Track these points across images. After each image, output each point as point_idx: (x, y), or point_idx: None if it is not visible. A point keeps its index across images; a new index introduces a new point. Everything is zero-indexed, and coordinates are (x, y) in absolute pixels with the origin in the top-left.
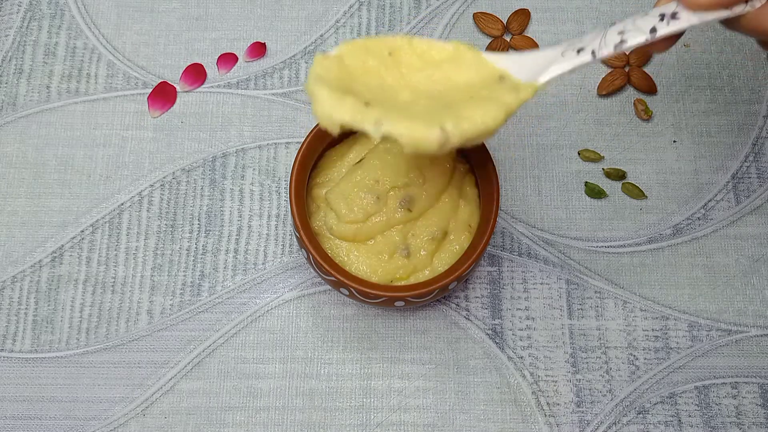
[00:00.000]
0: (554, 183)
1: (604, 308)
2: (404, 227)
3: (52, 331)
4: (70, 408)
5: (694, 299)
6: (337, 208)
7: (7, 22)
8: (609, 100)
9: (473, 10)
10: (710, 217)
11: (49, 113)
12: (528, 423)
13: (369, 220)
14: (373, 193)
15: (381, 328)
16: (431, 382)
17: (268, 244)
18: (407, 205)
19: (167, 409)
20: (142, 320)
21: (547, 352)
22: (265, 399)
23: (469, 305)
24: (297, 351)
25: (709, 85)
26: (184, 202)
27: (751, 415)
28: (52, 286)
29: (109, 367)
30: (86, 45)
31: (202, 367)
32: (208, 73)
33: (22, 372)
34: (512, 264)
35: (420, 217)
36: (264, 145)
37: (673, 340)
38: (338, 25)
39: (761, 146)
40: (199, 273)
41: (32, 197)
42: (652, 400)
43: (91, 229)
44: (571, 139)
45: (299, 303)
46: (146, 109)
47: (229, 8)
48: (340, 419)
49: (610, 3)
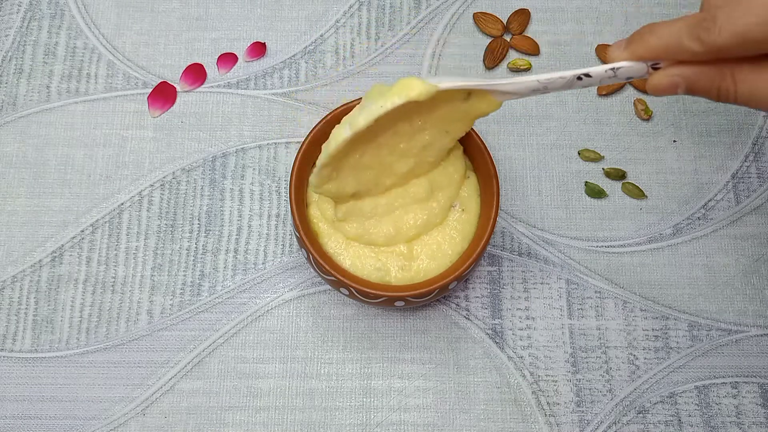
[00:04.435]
0: (554, 183)
1: (604, 308)
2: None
3: (52, 330)
4: (70, 408)
5: (694, 299)
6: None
7: (7, 22)
8: (609, 100)
9: (473, 10)
10: (710, 217)
11: (49, 113)
12: (528, 423)
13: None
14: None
15: (381, 328)
16: (431, 381)
17: (268, 244)
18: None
19: (167, 408)
20: (142, 320)
21: (547, 352)
22: (265, 399)
23: (469, 305)
24: (297, 351)
25: None
26: (184, 201)
27: (751, 415)
28: (52, 285)
29: (109, 366)
30: (86, 45)
31: (202, 366)
32: (208, 73)
33: (22, 372)
34: (512, 264)
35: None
36: (264, 145)
37: (673, 340)
38: (338, 25)
39: (761, 146)
40: (199, 273)
41: (32, 197)
42: (652, 399)
43: (91, 229)
44: (571, 139)
45: (299, 303)
46: (146, 109)
47: (229, 8)
48: (340, 419)
49: (610, 3)
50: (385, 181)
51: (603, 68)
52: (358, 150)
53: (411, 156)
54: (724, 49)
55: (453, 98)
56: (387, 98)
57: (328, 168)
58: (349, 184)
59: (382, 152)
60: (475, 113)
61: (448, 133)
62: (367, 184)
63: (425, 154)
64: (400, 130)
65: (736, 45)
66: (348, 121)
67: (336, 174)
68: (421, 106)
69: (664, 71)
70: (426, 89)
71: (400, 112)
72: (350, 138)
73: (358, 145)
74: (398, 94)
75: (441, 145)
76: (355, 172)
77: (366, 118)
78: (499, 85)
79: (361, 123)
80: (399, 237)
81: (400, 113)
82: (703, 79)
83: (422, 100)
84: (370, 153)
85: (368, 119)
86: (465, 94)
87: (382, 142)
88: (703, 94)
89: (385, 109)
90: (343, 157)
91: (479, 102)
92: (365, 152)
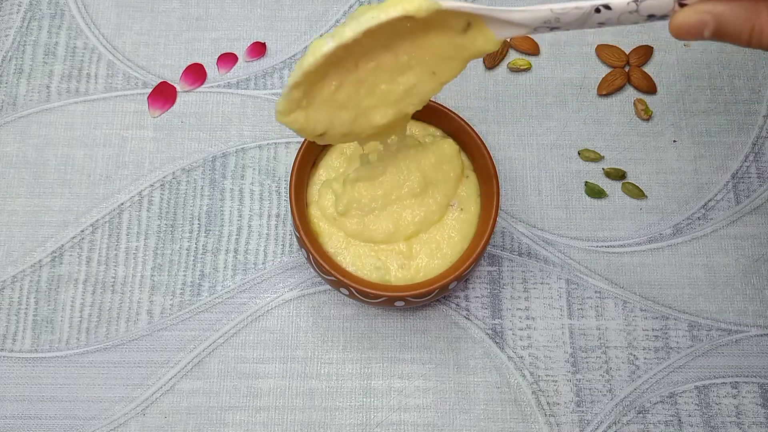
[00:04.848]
0: (554, 183)
1: (604, 308)
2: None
3: (52, 330)
4: (70, 408)
5: (694, 299)
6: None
7: (7, 22)
8: (609, 100)
9: None
10: (710, 217)
11: (49, 113)
12: (528, 423)
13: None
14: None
15: (381, 328)
16: (431, 381)
17: (268, 244)
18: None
19: (167, 408)
20: (142, 320)
21: (547, 352)
22: (265, 399)
23: (469, 305)
24: (297, 351)
25: (709, 85)
26: (184, 202)
27: (751, 415)
28: (52, 285)
29: (109, 366)
30: (86, 45)
31: (202, 366)
32: (208, 73)
33: (22, 372)
34: (512, 264)
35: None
36: (264, 144)
37: (673, 340)
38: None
39: (761, 146)
40: (199, 273)
41: (32, 197)
42: (652, 399)
43: (91, 228)
44: (571, 139)
45: (299, 303)
46: (146, 109)
47: (229, 8)
48: (340, 419)
49: None
50: (359, 131)
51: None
52: (335, 79)
53: (391, 104)
54: None
55: (450, 26)
56: (381, 9)
57: (299, 89)
58: (320, 121)
59: (360, 91)
60: (469, 51)
61: (434, 75)
62: (340, 127)
63: (406, 102)
64: (384, 63)
65: None
66: (332, 34)
67: (306, 102)
68: (413, 30)
69: (693, 7)
70: (426, 4)
71: (388, 35)
72: (331, 52)
73: (336, 71)
74: (394, 6)
75: (425, 90)
76: (329, 108)
77: (354, 29)
78: (507, 12)
79: (347, 34)
80: (398, 234)
81: (386, 37)
82: (737, 17)
83: (419, 18)
84: (347, 87)
85: (356, 30)
86: (464, 23)
87: (363, 77)
88: (732, 38)
89: (377, 20)
90: (318, 81)
91: (478, 36)
92: (342, 84)
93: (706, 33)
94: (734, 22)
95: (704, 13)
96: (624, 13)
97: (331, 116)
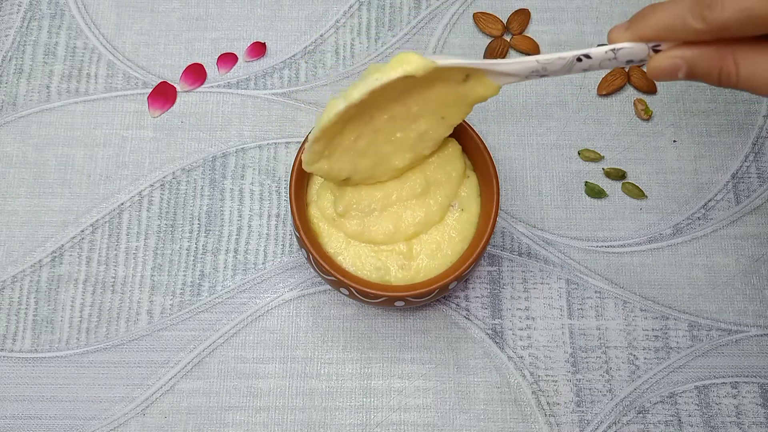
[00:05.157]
0: (554, 183)
1: (604, 308)
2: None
3: (52, 330)
4: (70, 408)
5: (694, 299)
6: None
7: (7, 22)
8: (609, 99)
9: (473, 10)
10: (710, 217)
11: (49, 113)
12: (528, 423)
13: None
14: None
15: (381, 328)
16: (431, 381)
17: (268, 244)
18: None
19: (167, 408)
20: (142, 320)
21: (547, 352)
22: (265, 399)
23: (469, 305)
24: (297, 351)
25: (709, 85)
26: (184, 202)
27: (751, 415)
28: (52, 285)
29: (109, 366)
30: (86, 45)
31: (202, 366)
32: (208, 73)
33: (22, 372)
34: (512, 264)
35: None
36: (264, 144)
37: (673, 340)
38: (338, 25)
39: (761, 146)
40: (199, 273)
41: (32, 197)
42: (652, 399)
43: (91, 229)
44: (571, 139)
45: (299, 303)
46: (146, 109)
47: (229, 8)
48: (340, 419)
49: (610, 3)
50: (381, 176)
51: (603, 49)
52: (354, 131)
53: (408, 149)
54: (727, 26)
55: (450, 79)
56: (383, 71)
57: (320, 143)
58: (344, 168)
59: (378, 139)
60: (472, 97)
61: (444, 120)
62: (363, 172)
63: (422, 146)
64: (397, 114)
65: (740, 22)
66: (342, 95)
67: (329, 153)
68: (418, 85)
69: (665, 53)
70: (423, 64)
71: (396, 91)
72: (343, 111)
73: (353, 125)
74: (395, 68)
75: (437, 134)
76: (350, 156)
77: (360, 91)
78: (497, 64)
79: (355, 95)
80: (398, 235)
81: (395, 92)
82: (705, 61)
83: (419, 76)
84: (366, 137)
85: (363, 92)
86: (463, 75)
87: (379, 127)
88: (703, 78)
89: (380, 81)
90: (336, 134)
91: (477, 85)
92: (361, 135)
93: (680, 75)
94: (703, 65)
95: (676, 57)
96: (604, 60)
97: (353, 163)
